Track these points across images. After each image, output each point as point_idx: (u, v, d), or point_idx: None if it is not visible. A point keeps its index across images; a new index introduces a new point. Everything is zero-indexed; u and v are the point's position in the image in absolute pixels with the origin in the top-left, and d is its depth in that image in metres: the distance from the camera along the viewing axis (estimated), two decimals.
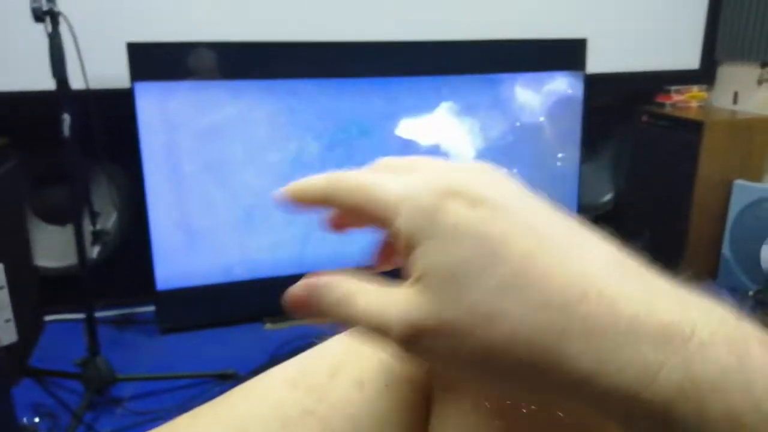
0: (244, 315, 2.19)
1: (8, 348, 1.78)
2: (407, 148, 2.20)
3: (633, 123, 2.64)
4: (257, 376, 0.34)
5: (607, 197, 2.78)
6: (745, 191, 2.38)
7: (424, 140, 2.22)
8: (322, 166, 2.13)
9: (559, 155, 2.39)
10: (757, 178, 2.47)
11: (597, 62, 2.36)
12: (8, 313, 1.81)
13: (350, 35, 2.18)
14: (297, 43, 2.09)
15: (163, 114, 1.97)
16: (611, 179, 2.77)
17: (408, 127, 2.21)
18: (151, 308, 2.20)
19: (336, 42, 2.14)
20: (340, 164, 2.14)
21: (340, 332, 0.35)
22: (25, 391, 1.76)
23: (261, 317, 2.21)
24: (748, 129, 2.47)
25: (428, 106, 2.21)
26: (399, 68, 2.18)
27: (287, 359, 0.35)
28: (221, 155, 2.05)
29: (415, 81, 2.19)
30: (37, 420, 1.59)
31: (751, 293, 2.07)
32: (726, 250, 2.45)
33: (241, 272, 2.14)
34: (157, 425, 0.33)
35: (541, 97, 2.32)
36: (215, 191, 2.07)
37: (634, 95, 2.67)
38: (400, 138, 2.20)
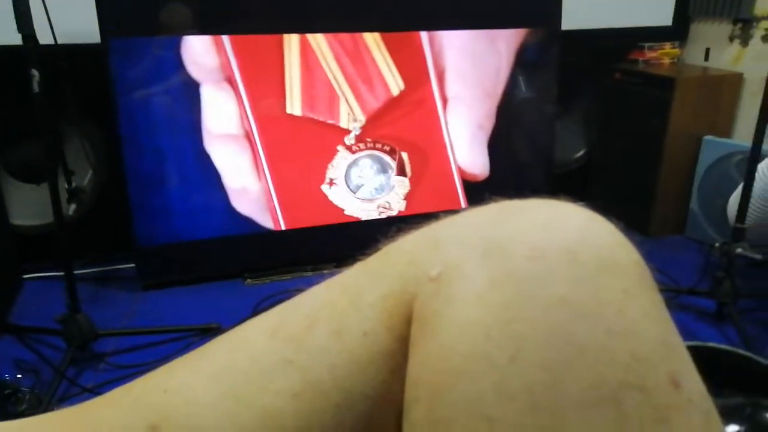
0: (225, 270, 2.22)
1: None
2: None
3: (606, 80, 2.66)
4: (235, 327, 0.35)
5: (580, 153, 2.82)
6: (713, 147, 2.43)
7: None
8: None
9: (533, 112, 2.41)
10: (726, 134, 2.52)
11: (571, 19, 2.36)
12: None
13: None
14: None
15: (137, 70, 1.94)
16: (584, 135, 2.80)
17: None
18: (131, 265, 2.20)
19: None
20: None
21: (317, 284, 0.35)
22: (5, 349, 1.78)
23: (242, 273, 2.24)
24: (718, 85, 2.50)
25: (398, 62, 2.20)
26: (368, 23, 2.15)
27: None
28: (198, 111, 2.04)
29: (385, 37, 2.17)
30: (19, 376, 1.61)
31: (716, 245, 2.14)
32: (694, 204, 2.51)
33: (221, 228, 2.15)
34: None
35: (514, 53, 2.32)
36: (193, 147, 2.06)
37: (607, 52, 2.68)
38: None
